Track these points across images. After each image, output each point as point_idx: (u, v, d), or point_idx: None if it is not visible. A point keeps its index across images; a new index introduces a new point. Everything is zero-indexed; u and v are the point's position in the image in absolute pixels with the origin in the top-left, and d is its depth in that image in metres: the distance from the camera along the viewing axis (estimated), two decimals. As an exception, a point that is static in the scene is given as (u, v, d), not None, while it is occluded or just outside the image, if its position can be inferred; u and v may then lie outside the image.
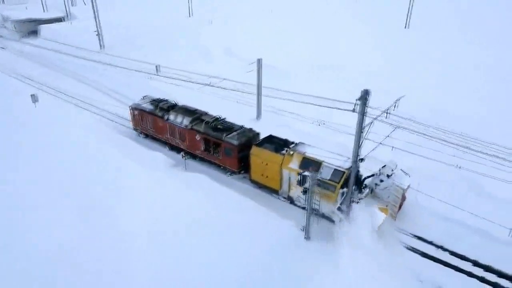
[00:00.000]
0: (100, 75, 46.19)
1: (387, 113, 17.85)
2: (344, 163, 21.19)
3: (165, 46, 55.68)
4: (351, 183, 17.70)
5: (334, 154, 21.86)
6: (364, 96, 15.73)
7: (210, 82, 31.43)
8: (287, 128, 30.68)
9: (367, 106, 16.10)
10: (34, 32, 69.95)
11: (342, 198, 20.18)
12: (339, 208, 19.71)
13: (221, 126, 26.58)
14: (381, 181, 21.28)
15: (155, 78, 41.18)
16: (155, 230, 20.70)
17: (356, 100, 16.00)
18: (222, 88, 25.32)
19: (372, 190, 21.76)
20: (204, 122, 27.01)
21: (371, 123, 16.89)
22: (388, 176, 21.06)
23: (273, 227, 21.20)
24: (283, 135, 25.77)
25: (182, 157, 27.60)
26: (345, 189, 20.14)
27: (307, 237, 20.54)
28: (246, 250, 19.57)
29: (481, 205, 22.11)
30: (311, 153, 22.29)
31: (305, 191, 21.76)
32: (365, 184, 21.66)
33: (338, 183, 20.60)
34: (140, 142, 30.85)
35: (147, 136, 31.90)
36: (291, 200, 23.70)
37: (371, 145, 19.46)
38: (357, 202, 20.23)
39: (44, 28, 68.60)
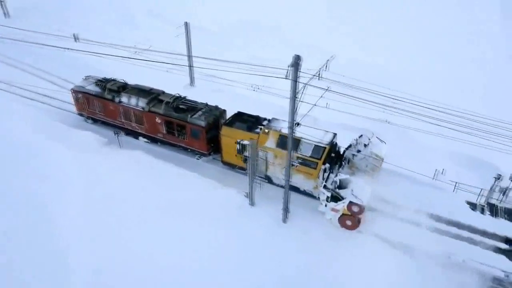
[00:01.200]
0: (10, 48, 40.97)
1: (319, 75, 17.93)
2: (322, 137, 20.64)
3: (80, 9, 50.69)
4: (290, 148, 17.76)
5: (310, 129, 21.02)
6: (296, 62, 15.52)
7: (136, 52, 29.29)
8: (223, 94, 30.10)
9: (299, 71, 15.95)
10: None
11: (326, 174, 19.60)
12: (325, 186, 19.12)
13: (184, 106, 24.56)
14: (359, 151, 21.35)
15: (75, 48, 37.40)
16: (92, 216, 19.85)
17: (288, 66, 15.76)
18: (147, 60, 23.60)
19: (349, 161, 21.82)
20: (164, 103, 24.72)
21: (304, 87, 16.87)
22: (365, 145, 21.18)
23: (218, 196, 21.26)
24: (220, 101, 25.08)
25: (115, 133, 26.08)
26: (327, 165, 19.74)
27: (252, 203, 20.92)
28: (195, 222, 19.63)
29: (409, 153, 23.83)
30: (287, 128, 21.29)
31: (245, 160, 21.78)
32: (345, 157, 21.59)
33: (320, 159, 20.12)
34: (69, 124, 27.92)
35: (95, 121, 28.66)
36: (269, 180, 22.85)
37: (308, 107, 19.58)
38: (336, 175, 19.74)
39: None
